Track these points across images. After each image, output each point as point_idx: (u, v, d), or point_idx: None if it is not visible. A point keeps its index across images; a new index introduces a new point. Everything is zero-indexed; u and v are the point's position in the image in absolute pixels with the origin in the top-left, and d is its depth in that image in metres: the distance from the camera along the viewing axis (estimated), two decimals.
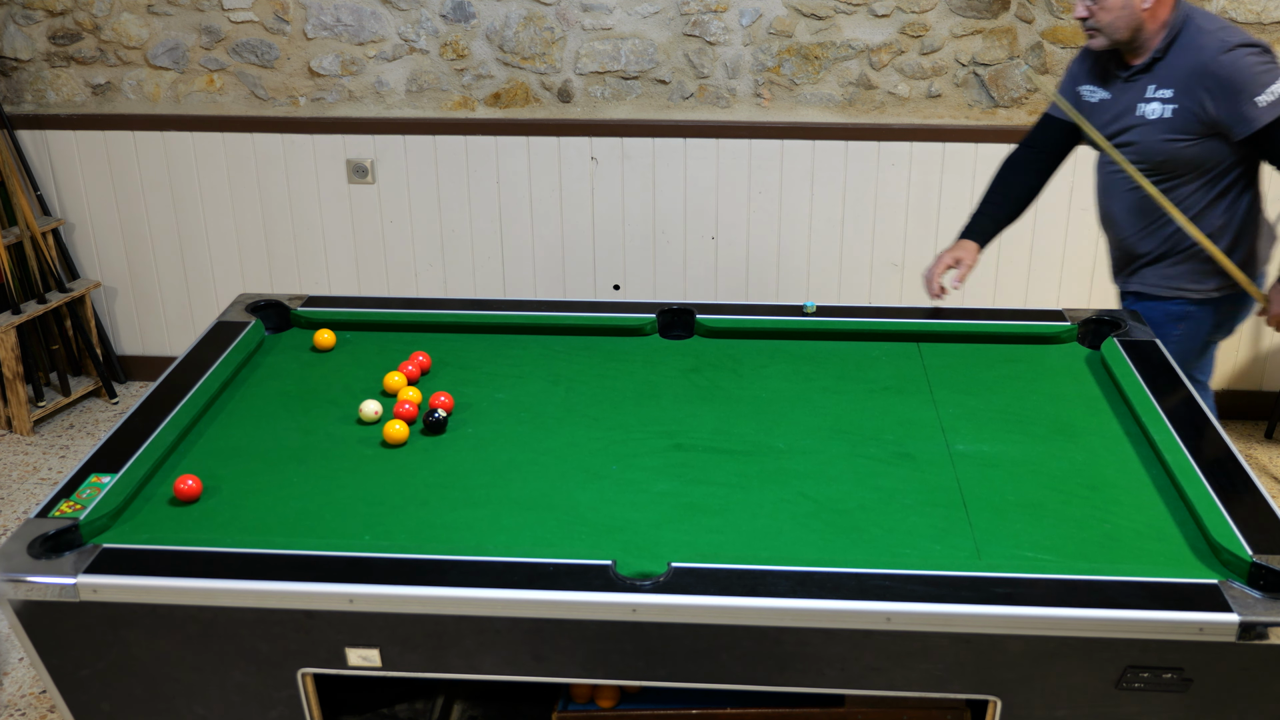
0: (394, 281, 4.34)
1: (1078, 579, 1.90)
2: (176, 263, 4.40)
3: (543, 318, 2.88)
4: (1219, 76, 2.61)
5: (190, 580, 1.93)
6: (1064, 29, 3.86)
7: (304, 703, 2.04)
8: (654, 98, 4.07)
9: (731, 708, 2.22)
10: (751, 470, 2.28)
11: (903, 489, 2.22)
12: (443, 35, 4.03)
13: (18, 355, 4.13)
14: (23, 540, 2.00)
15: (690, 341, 2.83)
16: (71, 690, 2.06)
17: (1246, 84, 2.60)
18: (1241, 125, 2.62)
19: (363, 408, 2.46)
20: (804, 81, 3.99)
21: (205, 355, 2.67)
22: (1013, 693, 1.91)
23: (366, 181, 4.21)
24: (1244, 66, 2.60)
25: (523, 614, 1.90)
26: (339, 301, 2.98)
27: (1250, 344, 4.18)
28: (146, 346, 4.57)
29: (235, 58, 4.13)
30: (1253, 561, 1.91)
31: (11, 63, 4.20)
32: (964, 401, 2.54)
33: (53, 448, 4.16)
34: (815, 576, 1.91)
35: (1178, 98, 2.67)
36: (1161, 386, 2.51)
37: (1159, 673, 1.86)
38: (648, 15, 3.96)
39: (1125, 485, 2.23)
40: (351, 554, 1.98)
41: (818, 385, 2.61)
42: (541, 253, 4.27)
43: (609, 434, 2.42)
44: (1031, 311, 2.92)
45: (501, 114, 4.12)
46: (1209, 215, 2.77)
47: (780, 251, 4.19)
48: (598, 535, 2.07)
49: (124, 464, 2.23)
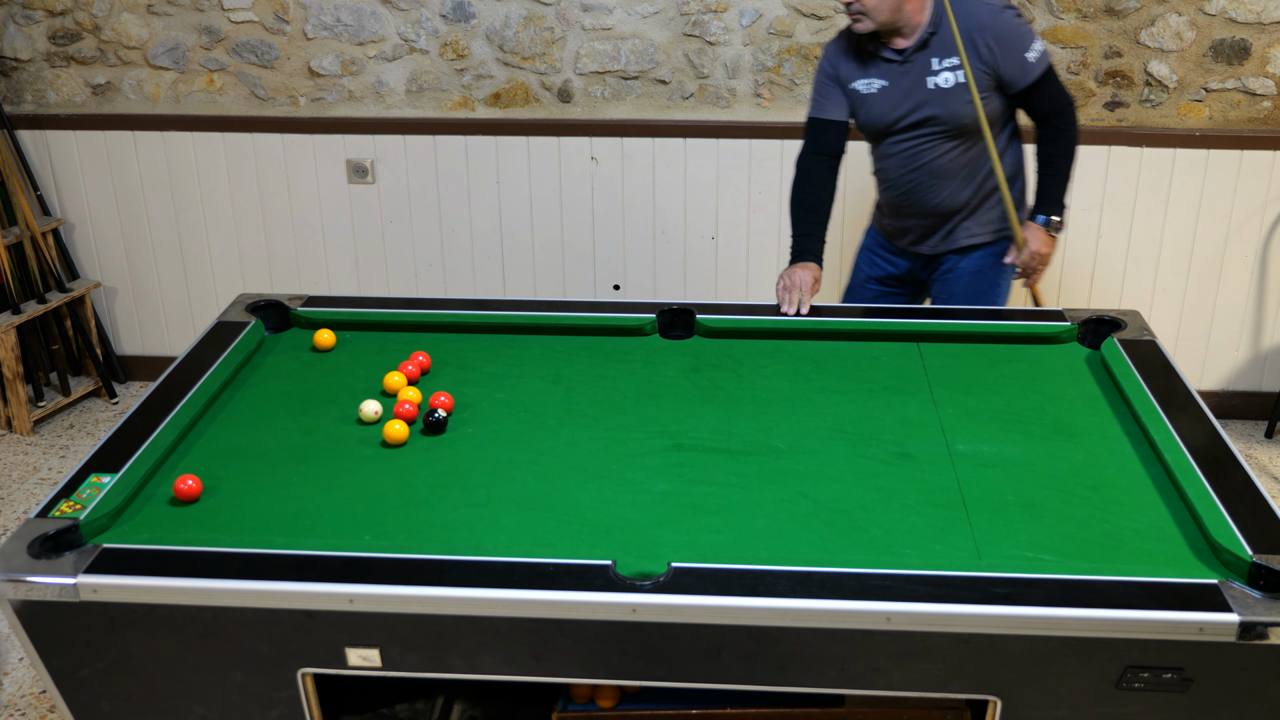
0: (394, 281, 4.34)
1: (1078, 579, 1.90)
2: (176, 263, 4.40)
3: (543, 318, 2.88)
4: (999, 34, 2.90)
5: (190, 580, 1.93)
6: (1064, 29, 3.86)
7: (304, 703, 2.04)
8: (654, 98, 4.07)
9: (731, 708, 2.22)
10: (751, 470, 2.28)
11: (903, 489, 2.22)
12: (443, 35, 4.03)
13: (18, 355, 4.13)
14: (23, 540, 2.00)
15: (690, 341, 2.83)
16: (71, 690, 2.06)
17: (1020, 40, 2.91)
18: (1021, 77, 2.93)
19: (362, 408, 2.45)
20: (804, 81, 3.99)
21: (205, 355, 2.67)
22: (1013, 693, 1.91)
23: (366, 181, 4.21)
24: (1015, 25, 2.93)
25: (523, 614, 1.90)
26: (339, 301, 2.98)
27: (1250, 344, 4.18)
28: (146, 346, 4.57)
29: (235, 58, 4.13)
30: (1253, 561, 1.91)
31: (11, 63, 4.20)
32: (964, 401, 2.53)
33: (53, 448, 4.16)
34: (815, 576, 1.91)
35: (967, 62, 2.90)
36: (1161, 386, 2.51)
37: (1159, 673, 1.86)
38: (648, 15, 3.96)
39: (1125, 485, 2.23)
40: (351, 554, 1.98)
41: (818, 385, 2.61)
42: (541, 253, 4.27)
43: (609, 434, 2.42)
44: (1031, 311, 2.92)
45: (501, 114, 4.12)
46: (1004, 163, 3.05)
47: (780, 251, 4.19)
48: (598, 535, 2.07)
49: (124, 464, 2.23)
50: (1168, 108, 3.94)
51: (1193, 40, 3.84)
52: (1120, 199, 4.00)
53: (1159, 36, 3.84)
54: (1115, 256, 4.09)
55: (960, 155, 3.02)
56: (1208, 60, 3.86)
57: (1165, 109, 3.94)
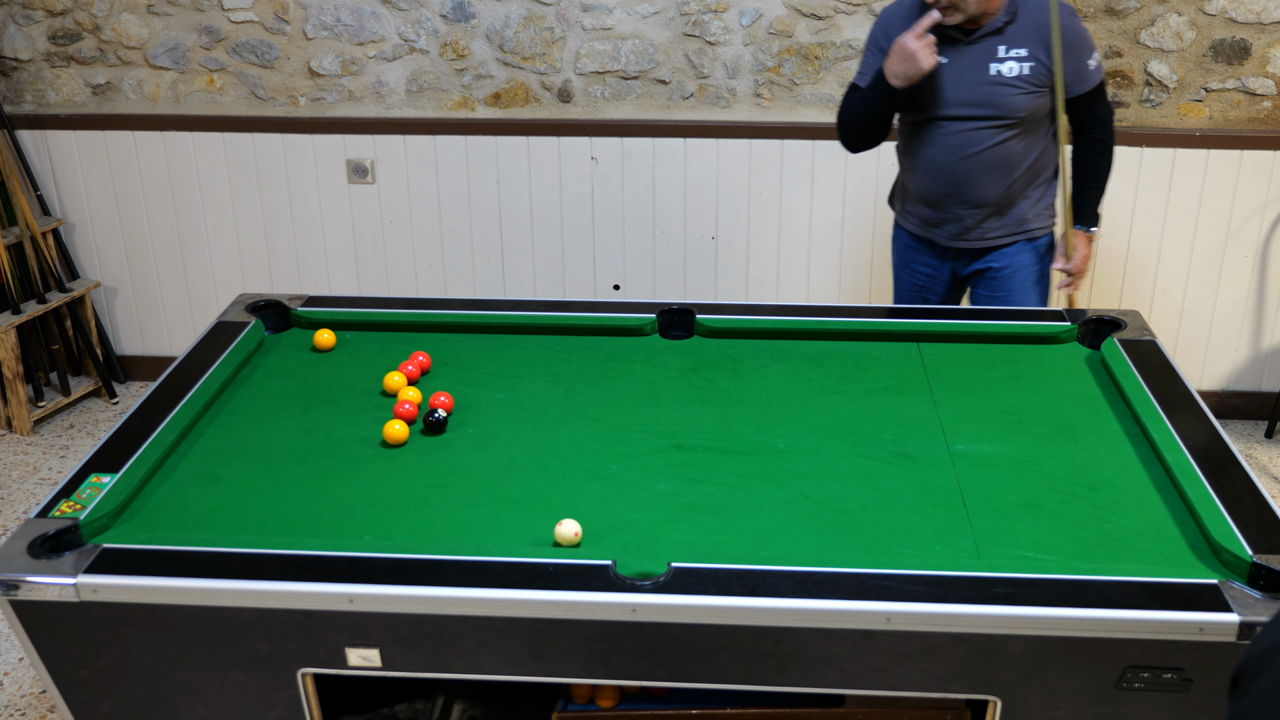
0: (394, 281, 4.34)
1: (1078, 579, 1.90)
2: (176, 263, 4.40)
3: (543, 318, 2.88)
4: (1069, 36, 2.91)
5: (190, 580, 1.93)
6: None
7: (304, 703, 2.04)
8: (654, 98, 4.07)
9: (731, 708, 2.22)
10: (751, 470, 2.28)
11: (903, 489, 2.22)
12: (443, 35, 4.03)
13: (18, 355, 4.13)
14: (23, 540, 2.00)
15: (690, 341, 2.83)
16: (71, 690, 2.06)
17: (1085, 46, 2.96)
18: (1080, 82, 2.97)
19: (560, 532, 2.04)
20: (804, 81, 3.99)
21: (205, 355, 2.67)
22: (1013, 693, 1.91)
23: (366, 181, 4.21)
24: (1082, 31, 2.97)
25: (523, 614, 1.90)
26: (339, 301, 2.98)
27: (1250, 344, 4.18)
28: (146, 346, 4.57)
29: (235, 58, 4.12)
30: (1253, 561, 1.91)
31: (11, 63, 4.20)
32: (964, 401, 2.53)
33: (53, 448, 4.16)
34: (815, 576, 1.91)
35: (1032, 55, 2.91)
36: (1161, 386, 2.51)
37: (1159, 673, 1.86)
38: (648, 15, 3.96)
39: (1125, 485, 2.23)
40: (351, 554, 1.98)
41: (818, 385, 2.61)
42: (541, 253, 4.27)
43: (609, 434, 2.42)
44: (1031, 311, 2.92)
45: (501, 114, 4.12)
46: (1049, 158, 3.08)
47: (780, 251, 4.19)
48: (598, 535, 2.07)
49: (124, 464, 2.23)
50: (1168, 108, 3.93)
51: (1193, 40, 3.84)
52: (1120, 199, 4.00)
53: (1159, 36, 3.84)
54: (1115, 256, 4.09)
55: (1010, 147, 2.99)
56: (1208, 60, 3.86)
57: (1165, 109, 3.94)
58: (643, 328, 2.85)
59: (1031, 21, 2.91)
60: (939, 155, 3.04)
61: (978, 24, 2.92)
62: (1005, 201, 3.05)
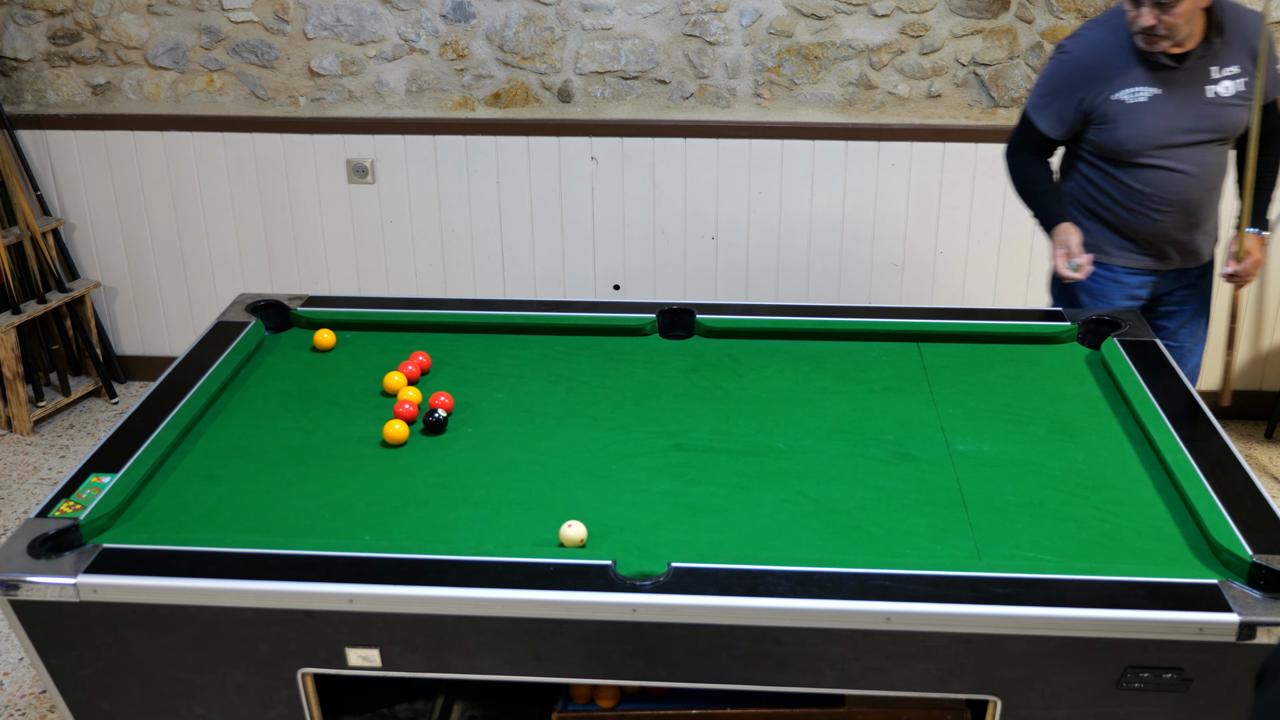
0: (394, 281, 4.34)
1: (1078, 579, 1.90)
2: (176, 263, 4.40)
3: (543, 318, 2.88)
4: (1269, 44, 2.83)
5: (190, 580, 1.93)
6: (1064, 29, 3.86)
7: (304, 703, 2.04)
8: (654, 98, 4.07)
9: (731, 708, 2.22)
10: (751, 470, 2.28)
11: (903, 489, 2.22)
12: (443, 35, 4.03)
13: (18, 355, 4.13)
14: (23, 540, 2.00)
15: (690, 341, 2.83)
16: (71, 690, 2.06)
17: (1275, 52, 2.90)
18: (1276, 89, 2.91)
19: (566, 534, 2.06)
20: (804, 81, 3.99)
21: (205, 355, 2.67)
22: (1013, 693, 1.91)
23: (366, 181, 4.21)
24: (1273, 38, 2.87)
25: (523, 614, 1.90)
26: (339, 301, 2.98)
27: (1250, 344, 4.18)
28: (146, 346, 4.57)
29: (235, 58, 4.12)
30: (1253, 561, 1.91)
31: (11, 63, 4.20)
32: (964, 401, 2.53)
33: (53, 448, 4.16)
34: (815, 576, 1.91)
35: (1244, 70, 2.85)
36: (1161, 386, 2.51)
37: (1159, 673, 1.86)
38: (648, 15, 3.96)
39: (1125, 485, 2.23)
40: (351, 554, 1.98)
41: (818, 385, 2.61)
42: (541, 253, 4.27)
43: (609, 434, 2.42)
44: (1031, 311, 2.92)
45: (501, 114, 4.12)
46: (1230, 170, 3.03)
47: (780, 251, 4.19)
48: (598, 535, 2.07)
49: (124, 464, 2.23)
50: None
51: None
52: None
53: None
54: None
55: (1225, 162, 2.95)
56: None
57: None
58: (643, 328, 2.85)
59: (1238, 34, 2.82)
60: (1167, 186, 2.90)
61: (1183, 47, 2.80)
62: (1210, 218, 3.02)
